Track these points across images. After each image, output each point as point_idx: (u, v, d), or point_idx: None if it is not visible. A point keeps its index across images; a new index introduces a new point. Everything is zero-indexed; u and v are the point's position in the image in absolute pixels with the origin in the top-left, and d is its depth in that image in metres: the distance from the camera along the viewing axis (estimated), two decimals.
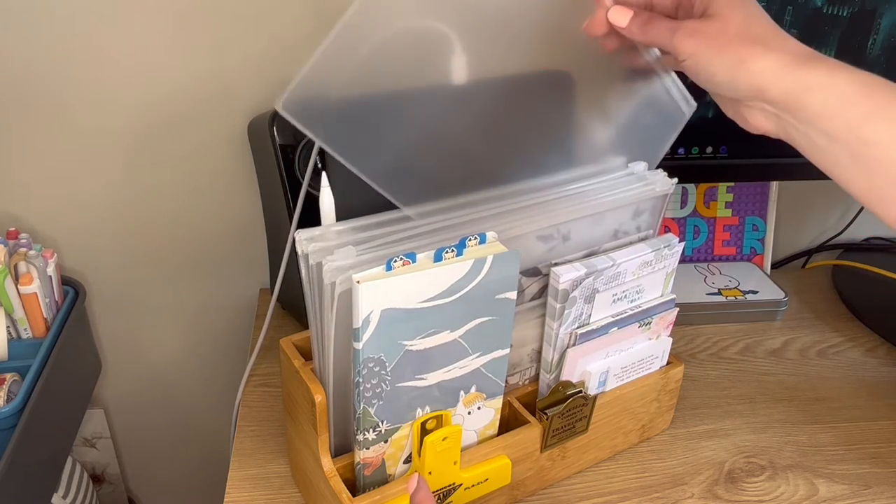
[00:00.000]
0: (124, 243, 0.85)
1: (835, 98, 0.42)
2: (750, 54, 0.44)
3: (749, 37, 0.44)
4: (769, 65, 0.44)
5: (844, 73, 0.43)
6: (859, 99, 0.42)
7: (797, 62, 0.43)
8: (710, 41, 0.46)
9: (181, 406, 0.99)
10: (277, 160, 0.70)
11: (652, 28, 0.49)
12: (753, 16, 0.45)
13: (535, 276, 0.56)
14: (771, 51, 0.44)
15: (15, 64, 0.74)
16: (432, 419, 0.52)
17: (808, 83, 0.43)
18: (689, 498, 0.62)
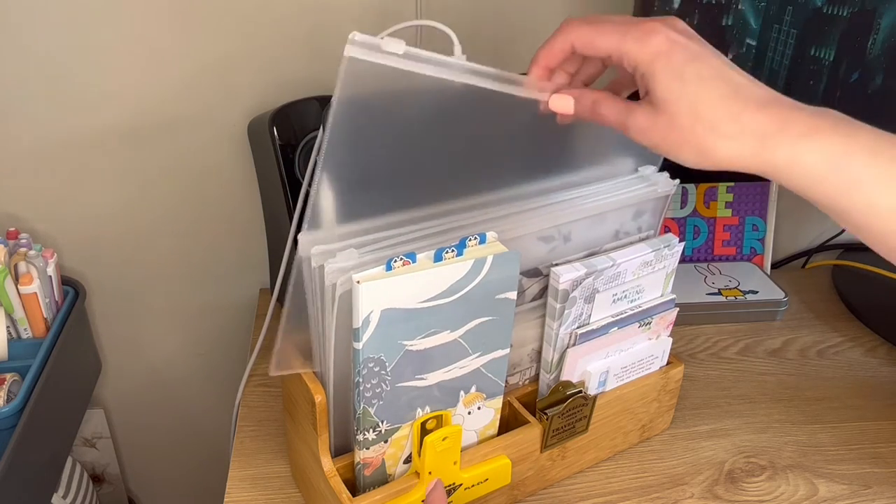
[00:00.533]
0: (124, 243, 0.85)
1: (804, 178, 0.41)
2: (708, 147, 0.42)
3: (701, 127, 0.41)
4: (729, 154, 0.42)
5: (810, 146, 0.40)
6: (828, 175, 0.40)
7: (758, 144, 0.41)
8: (665, 137, 0.43)
9: (181, 406, 0.99)
10: (277, 160, 0.70)
11: (601, 112, 0.46)
12: (699, 98, 0.41)
13: (535, 277, 0.56)
14: (726, 138, 0.41)
15: (14, 63, 0.74)
16: (432, 419, 0.52)
17: (773, 165, 0.41)
18: (689, 498, 0.62)
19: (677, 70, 0.42)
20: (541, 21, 0.82)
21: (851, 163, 0.39)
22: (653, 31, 0.42)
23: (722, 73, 0.42)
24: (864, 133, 0.40)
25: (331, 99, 0.45)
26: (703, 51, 0.43)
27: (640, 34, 0.43)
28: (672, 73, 0.42)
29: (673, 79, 0.42)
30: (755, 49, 0.70)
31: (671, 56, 0.42)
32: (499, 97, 0.54)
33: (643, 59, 0.42)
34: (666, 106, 0.42)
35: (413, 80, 0.48)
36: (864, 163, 0.39)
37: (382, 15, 0.78)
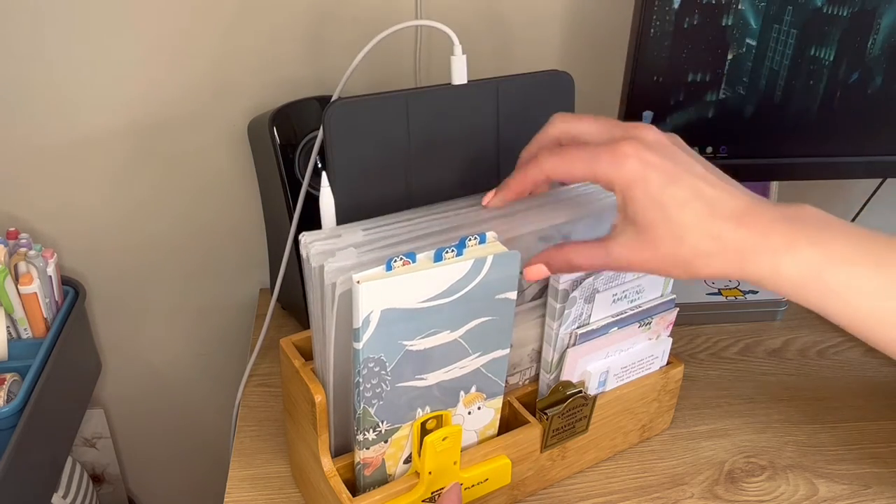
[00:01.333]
0: (124, 243, 0.85)
1: (786, 287, 0.42)
2: (693, 267, 0.43)
3: (685, 250, 0.42)
4: (715, 271, 0.43)
5: (787, 259, 0.41)
6: (807, 283, 0.41)
7: (739, 259, 0.42)
8: (648, 266, 0.44)
9: (181, 406, 0.99)
10: (277, 160, 0.70)
11: (578, 263, 0.47)
12: (681, 224, 0.42)
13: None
14: (710, 258, 0.42)
15: (15, 63, 0.74)
16: (432, 419, 0.52)
17: (756, 277, 0.42)
18: (689, 498, 0.62)
19: (656, 197, 0.42)
20: (540, 21, 0.82)
21: (826, 274, 0.41)
22: (625, 155, 0.43)
23: (697, 191, 0.42)
24: (838, 241, 0.41)
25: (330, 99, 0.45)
26: (676, 169, 0.43)
27: (612, 159, 0.43)
28: (651, 201, 0.42)
29: (652, 206, 0.42)
30: (755, 49, 0.70)
31: (647, 182, 0.42)
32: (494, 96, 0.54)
33: (619, 185, 0.43)
34: (647, 234, 0.43)
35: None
36: (838, 273, 0.41)
37: (382, 15, 0.78)
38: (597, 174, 0.44)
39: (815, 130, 0.75)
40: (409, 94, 0.53)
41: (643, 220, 0.43)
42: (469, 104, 0.56)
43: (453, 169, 0.57)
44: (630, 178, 0.42)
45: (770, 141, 0.76)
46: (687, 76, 0.71)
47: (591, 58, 0.84)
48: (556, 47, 0.84)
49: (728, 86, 0.72)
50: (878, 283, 0.40)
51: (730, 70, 0.71)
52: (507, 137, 0.58)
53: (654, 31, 0.68)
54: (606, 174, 0.43)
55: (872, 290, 0.40)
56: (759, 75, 0.72)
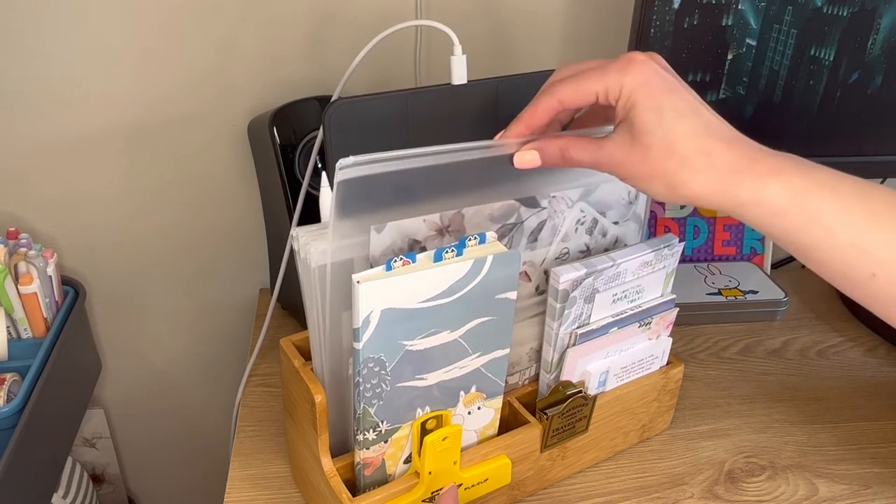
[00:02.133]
0: (124, 243, 0.85)
1: (766, 213, 0.42)
2: (678, 182, 0.43)
3: (673, 160, 0.43)
4: (698, 189, 0.43)
5: (773, 183, 0.42)
6: (790, 209, 0.41)
7: (725, 180, 0.42)
8: (635, 170, 0.44)
9: (181, 406, 0.99)
10: (277, 160, 0.70)
11: (571, 155, 0.47)
12: (674, 132, 0.43)
13: (533, 208, 0.55)
14: (697, 173, 0.42)
15: (15, 63, 0.74)
16: (432, 419, 0.52)
17: (738, 201, 0.42)
18: (689, 498, 0.62)
19: (656, 101, 0.43)
20: (540, 21, 0.82)
21: (811, 198, 0.41)
22: (632, 59, 0.44)
23: (695, 108, 0.44)
24: (824, 173, 0.42)
25: (330, 99, 0.45)
26: (678, 84, 0.44)
27: (621, 65, 0.44)
28: (651, 105, 0.43)
29: (651, 110, 0.43)
30: (755, 49, 0.70)
31: (651, 85, 0.43)
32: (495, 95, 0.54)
33: (626, 88, 0.43)
34: (642, 138, 0.43)
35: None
36: (823, 199, 0.41)
37: (382, 15, 0.78)
38: (608, 85, 0.44)
39: (815, 130, 0.75)
40: (409, 94, 0.53)
41: (640, 124, 0.43)
42: (469, 104, 0.55)
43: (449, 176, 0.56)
44: (636, 81, 0.43)
45: (770, 141, 0.75)
46: (687, 76, 0.71)
47: (590, 58, 0.84)
48: (556, 47, 0.84)
49: (728, 86, 0.72)
50: (862, 214, 0.41)
51: (730, 70, 0.71)
52: None
53: (654, 31, 0.68)
54: (616, 81, 0.44)
55: (856, 221, 0.41)
56: (759, 75, 0.72)
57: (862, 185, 0.42)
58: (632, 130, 0.44)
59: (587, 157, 0.46)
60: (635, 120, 0.43)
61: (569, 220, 0.56)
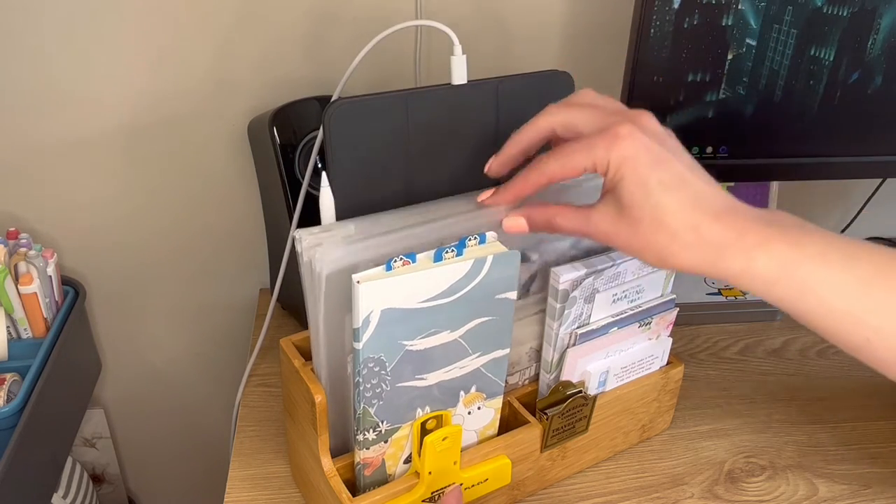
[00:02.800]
0: (124, 243, 0.85)
1: (757, 285, 0.43)
2: (669, 255, 0.43)
3: (663, 235, 0.43)
4: (688, 263, 0.43)
5: (762, 255, 0.42)
6: (781, 280, 0.42)
7: (714, 254, 0.42)
8: (628, 242, 0.45)
9: (181, 406, 0.99)
10: (277, 160, 0.70)
11: (558, 223, 0.48)
12: (662, 207, 0.43)
13: (524, 262, 0.56)
14: (685, 247, 0.43)
15: (15, 63, 0.74)
16: (432, 419, 0.52)
17: (729, 273, 0.43)
18: (689, 498, 0.62)
19: (643, 177, 0.43)
20: (540, 21, 0.82)
21: (800, 269, 0.42)
22: (619, 136, 0.43)
23: (684, 179, 0.44)
24: (813, 240, 0.42)
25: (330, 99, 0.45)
26: (667, 156, 0.44)
27: (607, 142, 0.44)
28: (638, 180, 0.43)
29: (638, 186, 0.43)
30: (755, 49, 0.70)
31: (637, 161, 0.43)
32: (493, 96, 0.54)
33: (612, 164, 0.44)
34: (631, 212, 0.44)
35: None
36: (812, 269, 0.42)
37: (382, 15, 0.78)
38: (595, 160, 0.44)
39: (815, 130, 0.75)
40: (409, 94, 0.53)
41: (628, 199, 0.44)
42: (469, 104, 0.55)
43: (453, 169, 0.57)
44: (622, 157, 0.43)
45: (770, 141, 0.76)
46: (687, 76, 0.71)
47: (591, 58, 0.84)
48: (556, 47, 0.84)
49: (728, 86, 0.72)
50: (851, 282, 0.41)
51: (730, 70, 0.71)
52: (507, 137, 0.58)
53: (654, 31, 0.68)
54: (603, 157, 0.44)
55: (847, 289, 0.41)
56: (759, 75, 0.72)
57: (850, 249, 0.42)
58: (620, 203, 0.44)
59: (574, 226, 0.47)
60: (623, 193, 0.44)
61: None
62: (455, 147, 0.56)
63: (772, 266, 0.42)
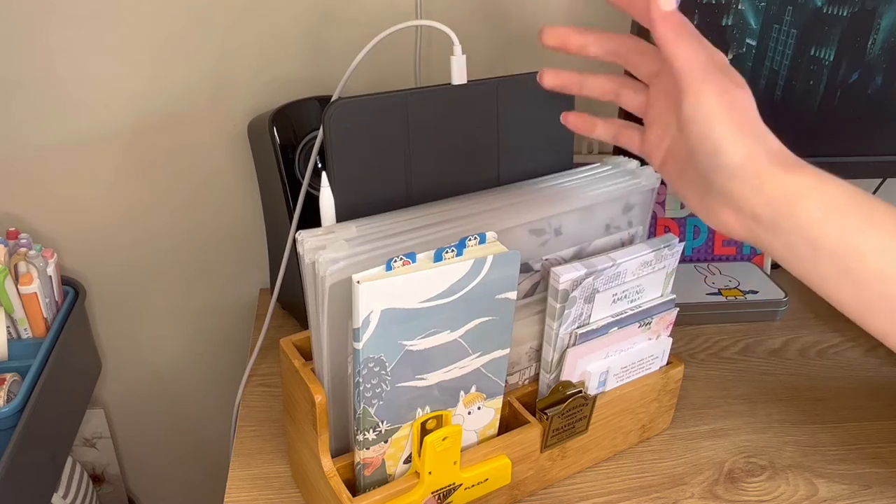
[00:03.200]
0: (124, 243, 0.85)
1: (829, 205, 0.40)
2: (715, 164, 0.42)
3: (711, 142, 0.42)
4: (737, 183, 0.42)
5: (832, 179, 0.41)
6: (851, 208, 0.40)
7: (783, 168, 0.41)
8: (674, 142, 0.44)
9: (181, 406, 0.99)
10: (277, 160, 0.70)
11: (621, 135, 0.49)
12: (723, 120, 0.42)
13: (527, 272, 0.56)
14: (742, 163, 0.41)
15: (15, 63, 0.74)
16: (432, 419, 0.52)
17: (799, 189, 0.41)
18: (689, 498, 0.62)
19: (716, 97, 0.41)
20: (540, 21, 0.82)
21: (865, 200, 0.40)
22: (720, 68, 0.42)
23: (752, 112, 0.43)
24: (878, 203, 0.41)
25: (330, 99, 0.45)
26: (751, 104, 0.43)
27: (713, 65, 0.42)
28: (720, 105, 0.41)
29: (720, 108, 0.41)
30: (755, 49, 0.70)
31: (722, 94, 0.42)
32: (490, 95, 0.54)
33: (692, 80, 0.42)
34: (690, 119, 0.42)
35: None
36: (877, 202, 0.40)
37: (382, 15, 0.78)
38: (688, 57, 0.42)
39: (815, 130, 0.75)
40: (409, 94, 0.53)
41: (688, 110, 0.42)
42: (469, 104, 0.56)
43: (453, 169, 0.57)
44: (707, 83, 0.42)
45: None
46: None
47: None
48: None
49: None
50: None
51: None
52: (507, 137, 0.58)
53: None
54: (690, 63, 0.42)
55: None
56: (760, 75, 0.72)
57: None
58: (686, 116, 0.42)
59: (633, 139, 0.49)
60: (686, 103, 0.42)
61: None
62: (455, 147, 0.56)
63: (848, 195, 0.41)
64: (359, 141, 0.52)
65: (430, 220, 0.53)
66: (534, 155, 0.60)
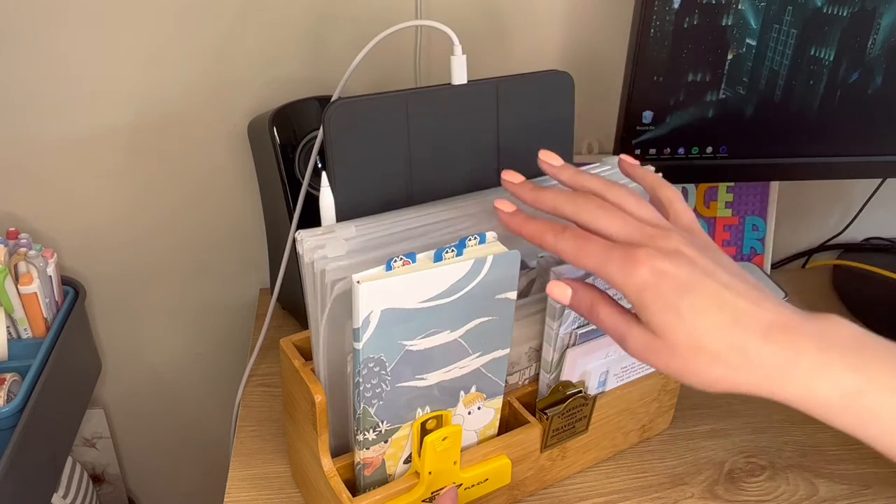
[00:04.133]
0: (124, 243, 0.85)
1: (819, 411, 0.39)
2: (714, 378, 0.40)
3: (704, 358, 0.40)
4: (739, 383, 0.40)
5: (822, 381, 0.39)
6: (846, 410, 0.39)
7: (768, 378, 0.39)
8: (668, 364, 0.41)
9: (181, 406, 0.99)
10: (277, 160, 0.70)
11: (599, 315, 0.44)
12: (698, 330, 0.40)
13: (523, 269, 0.56)
14: (732, 369, 0.40)
15: (15, 63, 0.74)
16: (432, 419, 0.52)
17: (788, 397, 0.40)
18: (689, 498, 0.62)
19: (670, 304, 0.40)
20: (540, 21, 0.82)
21: (866, 399, 0.38)
22: (636, 262, 0.41)
23: (719, 300, 0.40)
24: (877, 362, 0.39)
25: (330, 99, 0.45)
26: (692, 278, 0.40)
27: (623, 265, 0.41)
28: (664, 306, 0.40)
29: (666, 311, 0.40)
30: (755, 49, 0.70)
31: (659, 289, 0.40)
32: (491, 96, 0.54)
33: (629, 290, 0.41)
34: (664, 335, 0.40)
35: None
36: (880, 399, 0.38)
37: (382, 15, 0.78)
38: (605, 275, 0.42)
39: (815, 130, 0.75)
40: (409, 94, 0.53)
41: (658, 325, 0.40)
42: (469, 104, 0.56)
43: (453, 169, 0.57)
44: (640, 285, 0.40)
45: (770, 141, 0.76)
46: (687, 76, 0.71)
47: (591, 58, 0.84)
48: (556, 47, 0.84)
49: (728, 86, 0.72)
50: None
51: (730, 70, 0.71)
52: (507, 137, 0.58)
53: (654, 31, 0.68)
54: (615, 278, 0.41)
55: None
56: (759, 75, 0.72)
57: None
58: (651, 327, 0.41)
59: (612, 325, 0.43)
60: (651, 320, 0.41)
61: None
62: (455, 147, 0.56)
63: (834, 394, 0.39)
64: (359, 141, 0.52)
65: (430, 220, 0.53)
66: (534, 155, 0.60)
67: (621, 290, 0.42)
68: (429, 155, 0.55)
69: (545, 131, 0.59)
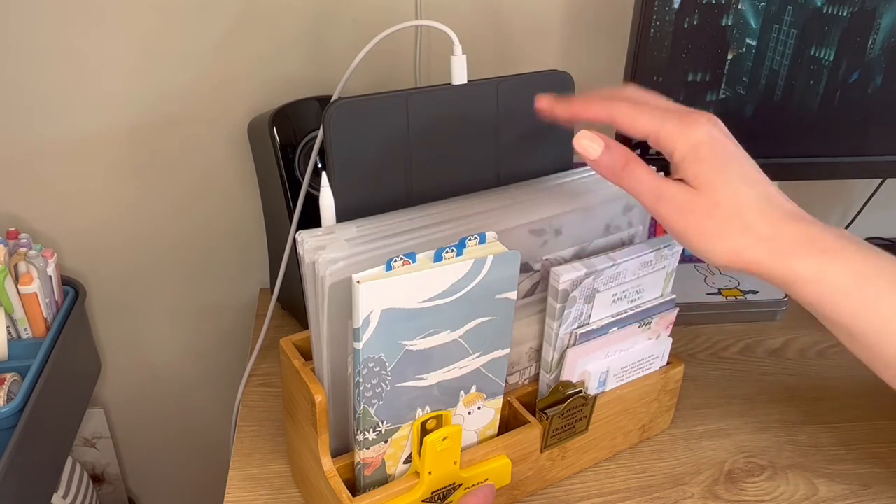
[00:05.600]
0: (124, 243, 0.85)
1: (826, 292, 0.41)
2: (741, 246, 0.42)
3: (738, 222, 0.42)
4: (758, 256, 0.42)
5: (836, 263, 0.41)
6: (852, 293, 0.41)
7: (787, 252, 0.41)
8: (699, 224, 0.42)
9: (181, 406, 0.99)
10: (277, 160, 0.70)
11: (634, 175, 0.44)
12: (741, 195, 0.42)
13: (527, 272, 0.56)
14: (759, 240, 0.42)
15: (15, 63, 0.74)
16: (432, 419, 0.52)
17: (800, 276, 0.41)
18: (689, 498, 0.62)
19: (721, 162, 0.42)
20: (540, 21, 0.82)
21: (874, 284, 0.40)
22: (696, 122, 0.43)
23: (757, 179, 0.43)
24: (885, 259, 0.42)
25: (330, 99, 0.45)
26: (739, 153, 0.44)
27: (680, 119, 0.43)
28: (717, 163, 0.42)
29: (718, 169, 0.42)
30: (755, 49, 0.70)
31: (714, 148, 0.43)
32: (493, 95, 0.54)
33: (684, 144, 0.43)
34: (708, 191, 0.42)
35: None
36: (887, 286, 0.40)
37: (382, 15, 0.78)
38: (662, 131, 0.43)
39: (815, 130, 0.75)
40: (409, 94, 0.53)
41: (707, 180, 0.42)
42: (469, 104, 0.56)
43: (453, 169, 0.57)
44: (698, 140, 0.43)
45: (770, 141, 0.76)
46: (687, 76, 0.71)
47: (591, 58, 0.84)
48: (556, 47, 0.84)
49: (728, 86, 0.72)
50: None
51: (730, 70, 0.71)
52: (507, 137, 0.58)
53: (654, 31, 0.68)
54: (672, 133, 0.43)
55: None
56: (759, 75, 0.72)
57: None
58: (698, 182, 0.43)
59: (648, 185, 0.44)
60: (700, 175, 0.42)
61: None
62: (455, 147, 0.56)
63: (844, 276, 0.41)
64: (359, 141, 0.52)
65: (430, 220, 0.53)
66: (534, 155, 0.60)
67: (675, 145, 0.43)
68: (429, 155, 0.55)
69: (545, 131, 0.59)
